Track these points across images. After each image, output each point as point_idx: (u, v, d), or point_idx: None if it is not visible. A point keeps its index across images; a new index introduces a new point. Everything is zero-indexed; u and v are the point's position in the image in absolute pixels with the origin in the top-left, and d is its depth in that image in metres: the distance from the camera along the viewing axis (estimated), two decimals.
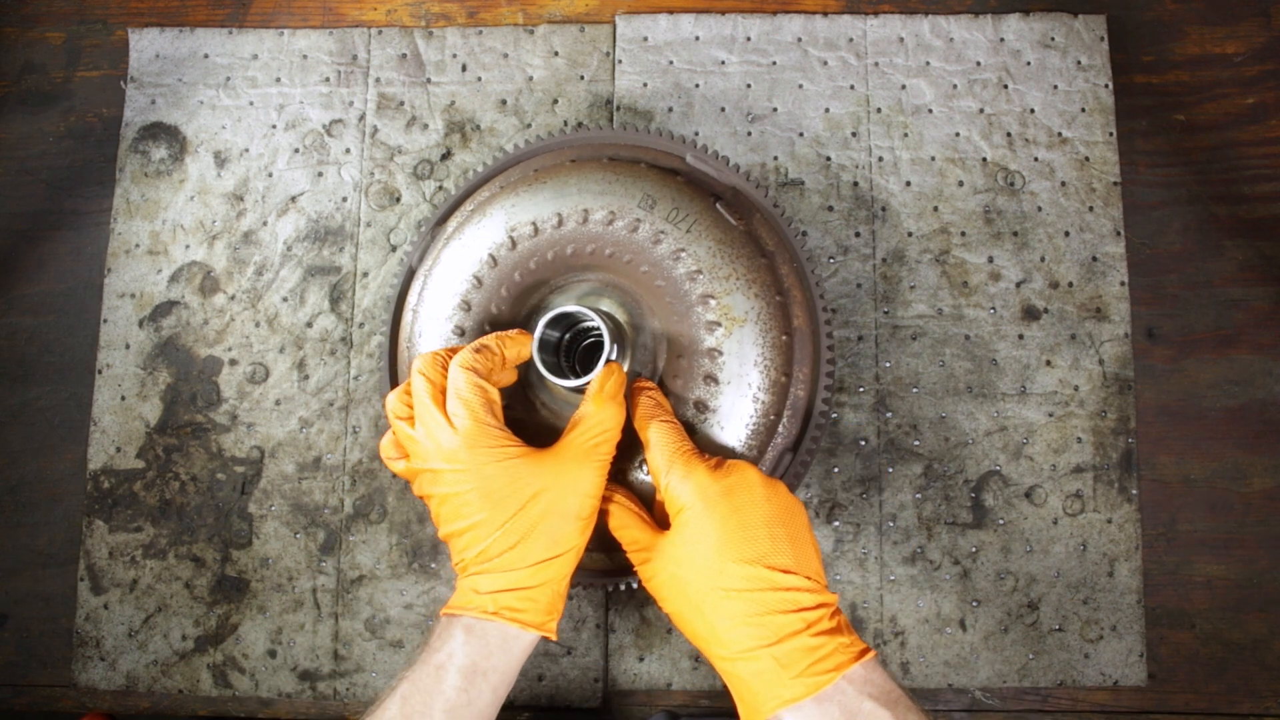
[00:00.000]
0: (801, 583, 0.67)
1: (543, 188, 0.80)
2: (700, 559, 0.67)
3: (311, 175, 1.00)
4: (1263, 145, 0.97)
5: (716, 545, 0.67)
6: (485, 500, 0.68)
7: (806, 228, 0.95)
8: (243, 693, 0.92)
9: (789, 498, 0.71)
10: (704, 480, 0.69)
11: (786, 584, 0.66)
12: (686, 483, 0.69)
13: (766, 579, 0.66)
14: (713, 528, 0.67)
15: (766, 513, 0.68)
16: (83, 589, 0.95)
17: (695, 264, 0.76)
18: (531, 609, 0.69)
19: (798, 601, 0.66)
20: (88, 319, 1.00)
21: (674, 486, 0.70)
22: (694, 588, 0.68)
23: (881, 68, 0.98)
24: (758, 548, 0.67)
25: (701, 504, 0.68)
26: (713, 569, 0.67)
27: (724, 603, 0.66)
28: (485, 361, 0.71)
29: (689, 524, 0.68)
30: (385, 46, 1.01)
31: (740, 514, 0.68)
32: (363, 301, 0.97)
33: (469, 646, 0.67)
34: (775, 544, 0.67)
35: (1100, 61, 0.97)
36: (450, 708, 0.66)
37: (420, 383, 0.71)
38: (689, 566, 0.68)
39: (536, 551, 0.68)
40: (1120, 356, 0.93)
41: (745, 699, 0.67)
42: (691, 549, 0.68)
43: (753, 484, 0.70)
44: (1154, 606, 0.91)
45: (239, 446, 0.96)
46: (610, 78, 1.00)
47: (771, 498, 0.69)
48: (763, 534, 0.67)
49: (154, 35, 1.04)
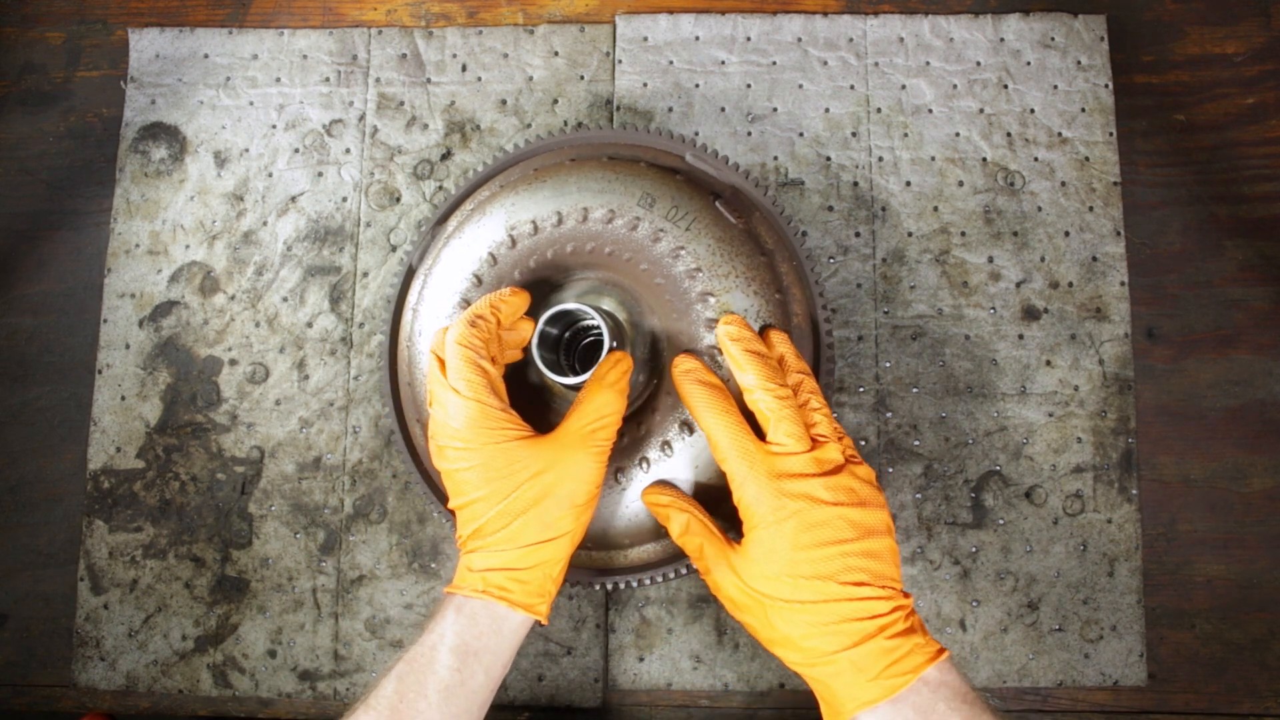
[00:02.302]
0: (876, 592, 0.67)
1: (542, 186, 0.80)
2: (773, 574, 0.67)
3: (311, 175, 1.00)
4: (1263, 145, 0.97)
5: (790, 563, 0.67)
6: (484, 479, 0.69)
7: (806, 227, 0.95)
8: (243, 693, 0.92)
9: (866, 506, 0.69)
10: (776, 496, 0.68)
11: (860, 594, 0.66)
12: (761, 499, 0.68)
13: (840, 593, 0.66)
14: (786, 546, 0.67)
15: (840, 530, 0.67)
16: (83, 589, 0.95)
17: (694, 262, 0.76)
18: (520, 590, 0.70)
19: (872, 609, 0.66)
20: (88, 319, 1.00)
21: (747, 500, 0.69)
22: (767, 600, 0.68)
23: (881, 68, 0.98)
24: (831, 565, 0.67)
25: (774, 521, 0.67)
26: (786, 585, 0.67)
27: (798, 614, 0.67)
28: (481, 333, 0.71)
29: (762, 542, 0.68)
30: (385, 46, 1.02)
31: (814, 531, 0.67)
32: (363, 301, 0.97)
33: (458, 625, 0.69)
34: (848, 560, 0.67)
35: (1100, 61, 0.97)
36: (444, 688, 0.67)
37: (430, 362, 0.73)
38: (762, 580, 0.68)
39: (529, 534, 0.69)
40: (1120, 356, 0.93)
41: (827, 700, 0.68)
42: (764, 565, 0.68)
43: (826, 494, 0.68)
44: (1154, 606, 0.91)
45: (239, 446, 0.96)
46: (610, 78, 1.00)
47: (846, 512, 0.68)
48: (834, 552, 0.67)
49: (154, 35, 1.04)
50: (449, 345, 0.71)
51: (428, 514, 0.94)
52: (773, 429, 0.70)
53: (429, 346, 0.74)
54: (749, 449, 0.70)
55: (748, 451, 0.70)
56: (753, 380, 0.71)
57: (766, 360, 0.72)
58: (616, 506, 0.77)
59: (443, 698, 0.67)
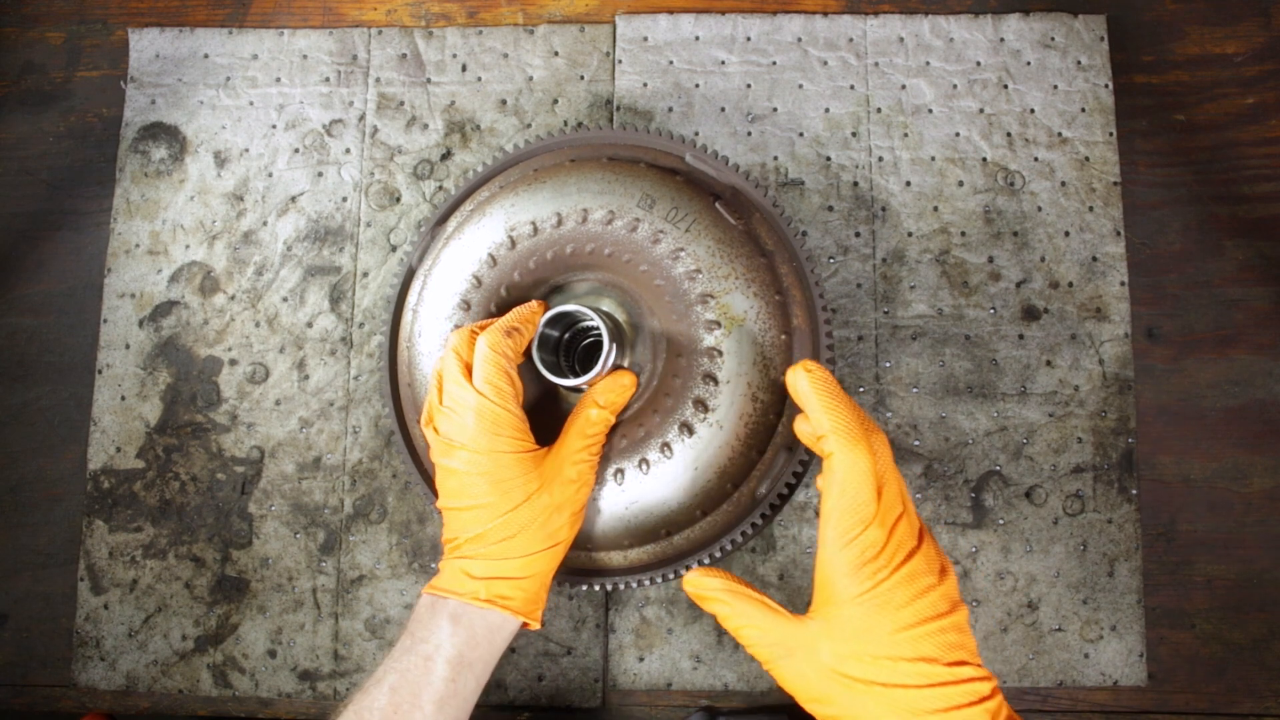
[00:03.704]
0: (975, 672, 0.61)
1: (542, 187, 0.80)
2: (867, 656, 0.61)
3: (311, 175, 1.00)
4: (1263, 145, 0.97)
5: (891, 644, 0.60)
6: (493, 487, 0.69)
7: (806, 228, 0.95)
8: (243, 693, 0.92)
9: (947, 574, 0.64)
10: (873, 567, 0.61)
11: (963, 675, 0.61)
12: (857, 572, 0.62)
13: (946, 675, 0.60)
14: (887, 624, 0.61)
15: (936, 604, 0.62)
16: (83, 589, 0.95)
17: (694, 263, 0.76)
18: (520, 597, 0.71)
19: (978, 692, 0.60)
20: (88, 319, 1.00)
21: (838, 567, 0.62)
22: (862, 686, 0.61)
23: (881, 68, 0.98)
24: (934, 645, 0.61)
25: (873, 600, 0.61)
26: (885, 668, 0.60)
27: (897, 700, 0.60)
28: (514, 344, 0.72)
29: (854, 619, 0.61)
30: (385, 46, 1.02)
31: (915, 608, 0.61)
32: (363, 301, 0.97)
33: (456, 638, 0.69)
34: (947, 637, 0.61)
35: (1100, 61, 0.97)
36: (439, 699, 0.67)
37: (452, 360, 0.72)
38: (856, 664, 0.61)
39: (534, 543, 0.70)
40: (1120, 356, 0.93)
41: None
42: (859, 645, 0.61)
43: (929, 568, 0.63)
44: (1154, 606, 0.91)
45: (239, 446, 0.96)
46: (610, 78, 1.00)
47: (947, 589, 0.63)
48: (934, 628, 0.61)
49: (154, 35, 1.04)
50: (482, 350, 0.71)
51: (428, 514, 0.94)
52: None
53: (449, 344, 0.74)
54: (858, 527, 0.63)
55: (855, 526, 0.63)
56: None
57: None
58: (617, 507, 0.77)
59: (437, 708, 0.67)
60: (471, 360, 0.72)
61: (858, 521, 0.62)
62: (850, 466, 0.63)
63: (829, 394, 0.66)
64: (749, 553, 0.92)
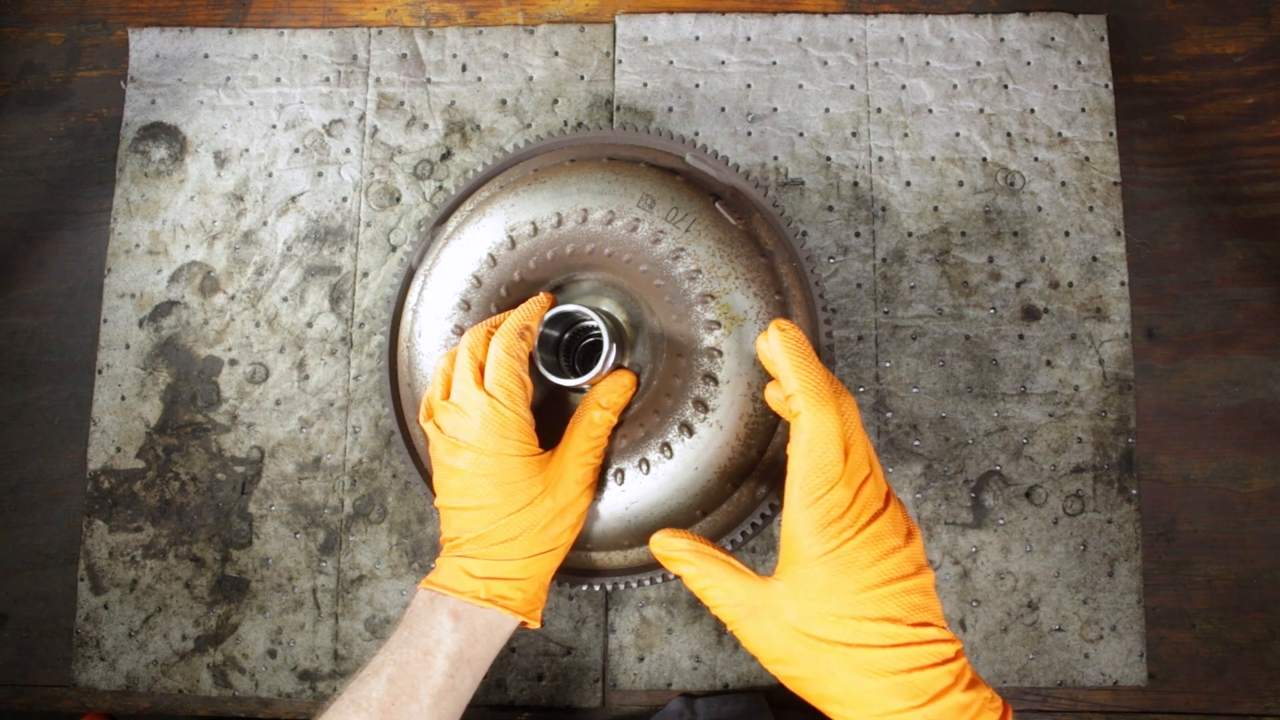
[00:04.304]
0: (940, 634, 0.61)
1: (542, 187, 0.80)
2: (830, 615, 0.60)
3: (311, 175, 1.00)
4: (1263, 145, 0.97)
5: (855, 603, 0.60)
6: (498, 489, 0.69)
7: (806, 228, 0.95)
8: (243, 693, 0.92)
9: (913, 537, 0.64)
10: (838, 527, 0.61)
11: (927, 637, 0.60)
12: (821, 531, 0.61)
13: (910, 635, 0.60)
14: (851, 584, 0.60)
15: (901, 565, 0.61)
16: (83, 589, 0.95)
17: (694, 263, 0.76)
18: (520, 598, 0.71)
19: (941, 654, 0.60)
20: (88, 319, 1.00)
21: (802, 527, 0.62)
22: (826, 646, 0.61)
23: (881, 68, 0.98)
24: (898, 605, 0.60)
25: (838, 560, 0.61)
26: (849, 628, 0.60)
27: (863, 661, 0.60)
28: (526, 345, 0.73)
29: (818, 578, 0.61)
30: (385, 46, 1.02)
31: (880, 568, 0.61)
32: (363, 301, 0.97)
33: (457, 635, 0.69)
34: (912, 598, 0.61)
35: (1100, 61, 0.97)
36: (437, 693, 0.68)
37: (465, 358, 0.72)
38: (820, 623, 0.61)
39: (536, 546, 0.71)
40: (1120, 356, 0.93)
41: None
42: (823, 604, 0.61)
43: (895, 530, 0.62)
44: (1154, 606, 0.91)
45: (239, 446, 0.96)
46: (610, 78, 1.00)
47: (912, 551, 0.63)
48: (899, 589, 0.61)
49: (154, 35, 1.04)
50: (496, 353, 0.72)
51: (428, 514, 0.94)
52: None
53: (464, 343, 0.73)
54: (819, 484, 0.63)
55: (818, 484, 0.63)
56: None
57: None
58: (617, 507, 0.77)
59: (434, 701, 0.67)
60: (485, 360, 0.72)
61: (823, 481, 0.62)
62: (817, 426, 0.63)
63: (800, 354, 0.66)
64: (749, 553, 0.92)
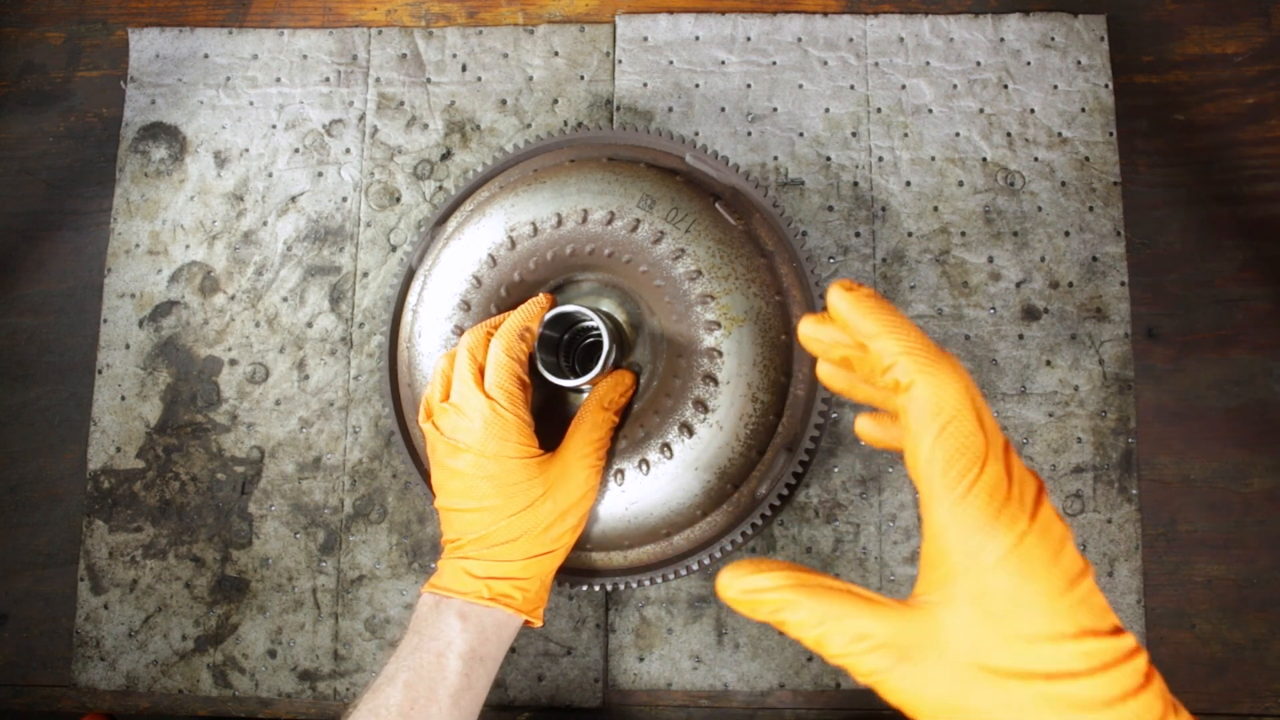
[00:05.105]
0: (1132, 641, 0.47)
1: (542, 188, 0.80)
2: (1020, 637, 0.45)
3: (311, 175, 1.00)
4: (1263, 145, 0.97)
5: (1048, 617, 0.45)
6: (499, 491, 0.70)
7: (806, 228, 0.95)
8: (243, 693, 0.92)
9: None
10: (1008, 516, 0.45)
11: (1127, 647, 0.46)
12: (991, 525, 0.45)
13: (1110, 649, 0.45)
14: (1038, 592, 0.45)
15: (1079, 558, 0.47)
16: (83, 589, 0.95)
17: (694, 264, 0.76)
18: (523, 597, 0.72)
19: (1141, 669, 0.46)
20: (88, 319, 1.00)
21: (967, 534, 0.45)
22: (1011, 685, 0.44)
23: (881, 68, 0.98)
24: (1090, 609, 0.46)
25: (1019, 560, 0.45)
26: (1043, 652, 0.45)
27: (1066, 696, 0.44)
28: (526, 347, 0.73)
29: (1001, 591, 0.45)
30: (385, 46, 1.01)
31: (1062, 566, 0.46)
32: (363, 301, 0.97)
33: (467, 634, 0.69)
34: (1096, 598, 0.47)
35: (1100, 61, 0.97)
36: (454, 693, 0.68)
37: (465, 360, 0.72)
38: (1000, 652, 0.45)
39: (537, 547, 0.71)
40: (1120, 356, 0.93)
41: None
42: (1004, 625, 0.45)
43: (1053, 512, 0.48)
44: (1154, 606, 0.91)
45: (239, 446, 0.96)
46: (610, 78, 1.00)
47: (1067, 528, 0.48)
48: (1086, 588, 0.47)
49: (154, 35, 1.04)
50: (496, 355, 0.72)
51: (428, 514, 0.94)
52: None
53: (463, 344, 0.74)
54: (970, 472, 0.46)
55: (970, 476, 0.46)
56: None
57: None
58: (617, 508, 0.77)
59: (453, 702, 0.68)
60: (485, 362, 0.73)
61: (973, 459, 0.45)
62: (942, 391, 0.46)
63: (888, 310, 0.49)
64: (749, 553, 0.92)
